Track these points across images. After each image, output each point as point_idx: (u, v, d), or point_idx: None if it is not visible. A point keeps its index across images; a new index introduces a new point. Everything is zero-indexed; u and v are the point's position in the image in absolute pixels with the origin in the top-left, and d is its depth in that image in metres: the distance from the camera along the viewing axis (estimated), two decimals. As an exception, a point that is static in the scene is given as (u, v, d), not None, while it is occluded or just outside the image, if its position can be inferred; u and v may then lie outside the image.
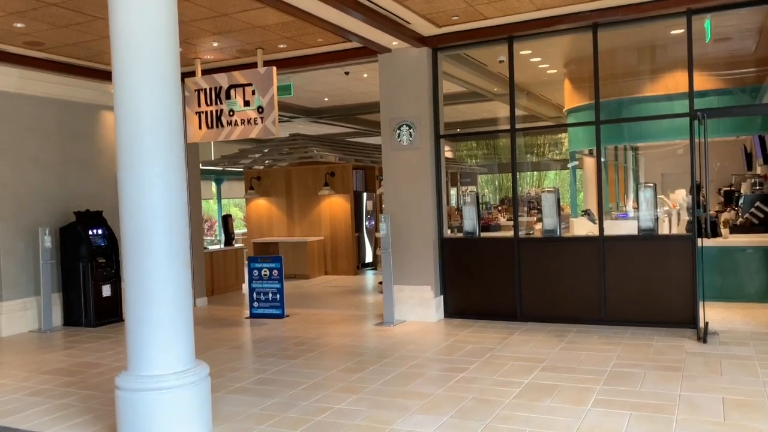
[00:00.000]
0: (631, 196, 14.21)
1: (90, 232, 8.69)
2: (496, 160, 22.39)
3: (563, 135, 18.65)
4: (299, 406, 4.95)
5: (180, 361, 4.31)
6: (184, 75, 8.80)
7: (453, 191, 20.00)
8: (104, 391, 5.49)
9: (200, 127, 8.56)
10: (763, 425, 4.21)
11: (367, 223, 14.10)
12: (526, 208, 16.33)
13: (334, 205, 13.63)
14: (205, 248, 11.22)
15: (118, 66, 4.29)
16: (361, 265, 14.17)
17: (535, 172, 22.33)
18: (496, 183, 23.80)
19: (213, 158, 16.14)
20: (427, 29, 7.75)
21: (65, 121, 9.07)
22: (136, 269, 4.26)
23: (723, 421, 4.32)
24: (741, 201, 9.83)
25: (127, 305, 4.32)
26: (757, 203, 9.17)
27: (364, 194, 14.12)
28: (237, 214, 21.25)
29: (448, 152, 22.19)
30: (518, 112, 8.32)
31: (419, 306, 8.21)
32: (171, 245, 4.30)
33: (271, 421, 4.64)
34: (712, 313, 7.51)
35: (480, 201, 20.19)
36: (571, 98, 10.82)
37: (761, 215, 9.06)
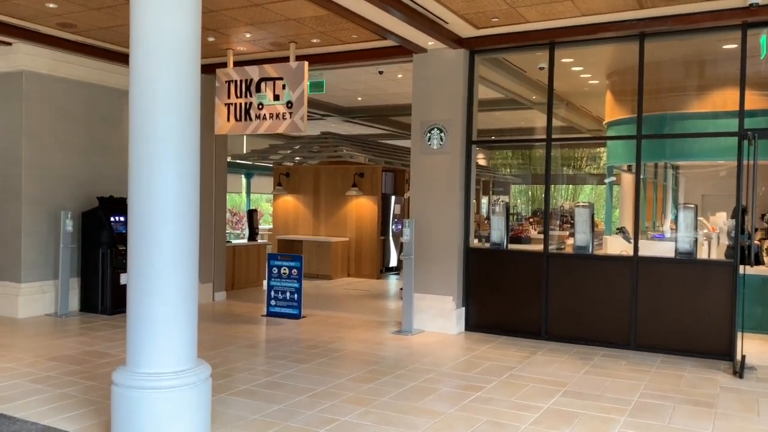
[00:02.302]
0: (669, 216, 13.70)
1: (112, 219, 8.62)
2: (530, 171, 21.97)
3: (601, 149, 18.16)
4: (303, 416, 4.71)
5: (180, 361, 4.10)
6: (216, 65, 8.72)
7: (484, 200, 19.66)
8: (107, 383, 5.27)
9: (228, 119, 8.42)
10: (803, 477, 3.84)
11: (393, 226, 13.85)
12: (558, 222, 15.91)
13: (361, 207, 13.41)
14: (228, 242, 11.09)
15: (135, 45, 4.12)
16: (385, 269, 13.92)
17: (570, 186, 21.85)
18: (529, 194, 23.36)
19: (244, 152, 16.11)
20: (465, 30, 7.47)
21: (95, 106, 9.03)
22: (140, 262, 4.07)
23: (759, 468, 3.96)
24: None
25: (129, 298, 4.13)
26: (805, 232, 8.65)
27: (393, 197, 13.87)
28: (267, 209, 21.20)
29: (481, 159, 21.86)
30: (556, 123, 8.01)
31: (439, 316, 7.92)
32: (179, 240, 4.09)
33: (271, 430, 4.42)
34: (751, 346, 7.06)
35: (511, 212, 19.80)
36: (612, 111, 10.42)
37: (808, 245, 8.55)
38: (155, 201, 4.05)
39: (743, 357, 6.47)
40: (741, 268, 6.64)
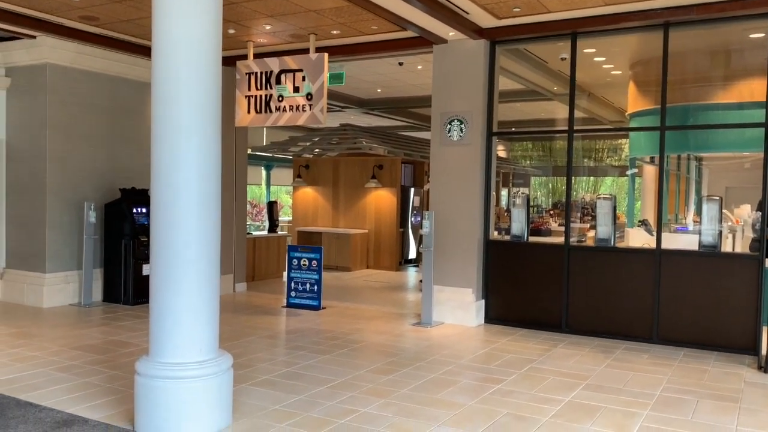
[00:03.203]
0: (692, 208, 13.52)
1: (134, 210, 8.70)
2: (551, 163, 21.78)
3: (623, 140, 17.94)
4: (323, 406, 4.74)
5: (202, 351, 4.14)
6: (236, 58, 8.75)
7: (504, 192, 19.54)
8: (130, 372, 5.36)
9: (249, 111, 8.45)
10: (830, 474, 3.78)
11: (412, 218, 13.83)
12: (579, 214, 15.77)
13: (381, 199, 13.41)
14: (249, 234, 11.16)
15: (157, 39, 4.14)
16: (404, 261, 13.92)
17: (592, 178, 21.63)
18: (550, 186, 23.18)
19: (264, 144, 16.18)
20: (486, 20, 7.41)
21: (117, 98, 9.11)
22: (163, 253, 4.11)
23: (784, 464, 3.90)
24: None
25: (152, 289, 4.18)
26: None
27: (412, 189, 13.84)
28: (287, 201, 21.29)
29: (501, 151, 21.71)
30: (578, 114, 7.90)
31: (459, 309, 7.90)
32: (201, 231, 4.13)
33: (291, 420, 4.44)
34: (776, 341, 6.96)
35: (531, 204, 19.68)
36: (635, 102, 10.28)
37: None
38: (178, 193, 4.08)
39: (768, 351, 6.38)
40: (766, 261, 6.52)
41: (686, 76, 9.45)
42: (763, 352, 6.30)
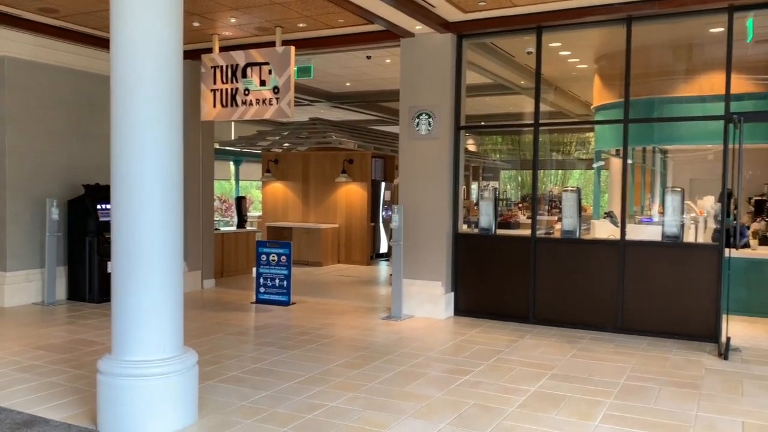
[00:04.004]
0: (657, 200, 13.75)
1: (98, 207, 8.54)
2: (519, 156, 21.97)
3: (590, 134, 18.17)
4: (291, 401, 4.72)
5: (166, 348, 4.09)
6: (201, 51, 8.63)
7: (474, 185, 19.66)
8: (95, 371, 5.28)
9: (214, 105, 8.35)
10: (785, 456, 3.89)
11: (383, 213, 13.83)
12: (547, 207, 15.95)
13: (351, 193, 13.38)
14: (217, 230, 11.05)
15: (115, 30, 4.06)
16: (375, 256, 13.93)
17: (560, 171, 21.88)
18: (519, 179, 23.39)
19: (232, 138, 16.02)
20: (452, 14, 7.42)
21: (80, 93, 8.92)
22: (124, 250, 4.04)
23: (742, 448, 4.01)
24: (773, 212, 9.37)
25: (114, 286, 4.11)
26: (790, 215, 8.72)
27: (383, 183, 13.84)
28: (257, 196, 21.11)
29: (471, 145, 21.83)
30: (545, 108, 8.00)
31: (428, 302, 7.94)
32: (163, 228, 4.07)
33: (258, 416, 4.42)
34: (736, 328, 7.13)
35: (500, 197, 19.76)
36: (600, 95, 10.42)
37: (794, 228, 8.62)
38: (138, 188, 4.02)
39: (728, 339, 6.53)
40: (726, 250, 6.68)
41: (650, 70, 9.60)
42: (723, 339, 6.45)
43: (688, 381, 5.38)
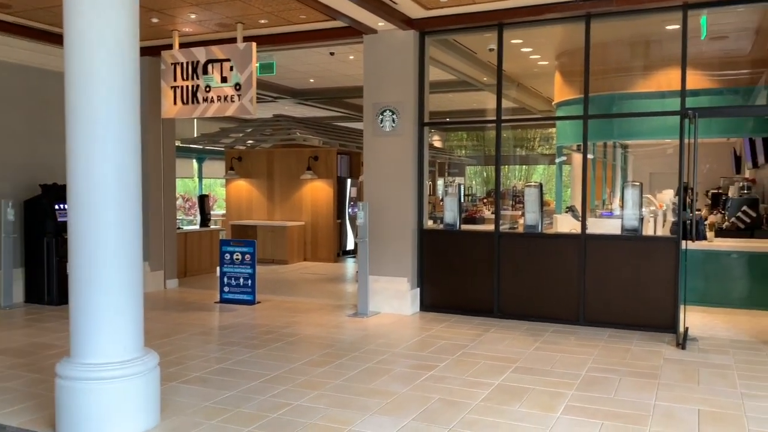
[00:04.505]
0: (618, 194, 14.02)
1: (56, 207, 8.34)
2: (484, 152, 22.16)
3: (553, 129, 18.43)
4: (255, 401, 4.69)
5: (126, 350, 4.02)
6: (161, 47, 8.49)
7: (440, 182, 19.77)
8: (54, 375, 5.18)
9: (175, 103, 8.22)
10: (739, 441, 4.01)
11: (350, 209, 13.81)
12: (511, 202, 16.14)
13: (317, 190, 13.33)
14: (179, 229, 10.89)
15: (68, 24, 3.96)
16: (342, 253, 13.91)
17: (524, 166, 22.13)
18: (484, 175, 23.58)
19: (194, 136, 15.80)
20: (414, 11, 7.44)
21: (36, 90, 8.69)
22: (80, 251, 3.96)
23: (698, 435, 4.12)
24: (728, 204, 9.65)
25: (71, 288, 4.02)
26: (744, 207, 8.99)
27: (348, 180, 13.82)
28: (222, 194, 20.87)
29: (437, 142, 21.93)
30: (508, 104, 8.08)
31: (394, 298, 7.96)
32: (120, 228, 3.99)
33: (222, 416, 4.37)
34: (694, 319, 7.33)
35: (466, 193, 19.89)
36: (561, 91, 10.56)
37: (748, 220, 8.88)
38: (94, 187, 3.94)
39: (686, 329, 6.70)
40: (683, 243, 6.85)
41: (609, 67, 9.78)
42: (681, 329, 6.62)
43: (647, 371, 5.51)
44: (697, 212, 9.64)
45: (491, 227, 8.24)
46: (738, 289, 8.12)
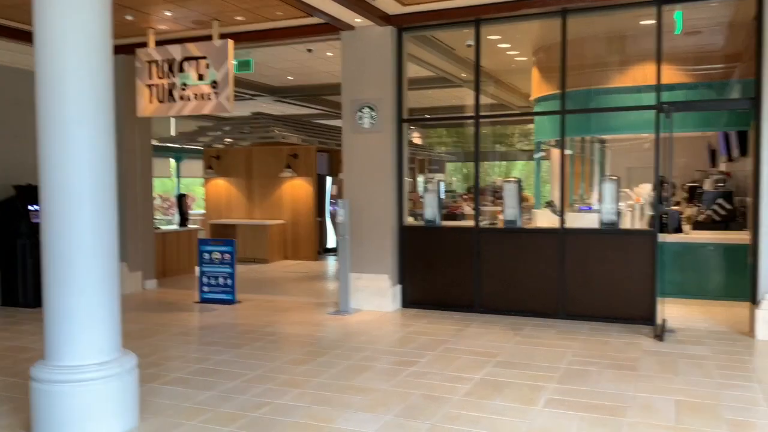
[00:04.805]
0: (596, 189, 14.13)
1: (30, 208, 8.21)
2: (464, 148, 22.22)
3: (532, 125, 18.54)
4: (236, 401, 4.65)
5: (102, 352, 3.97)
6: (136, 45, 8.38)
7: (420, 178, 19.78)
8: (30, 378, 5.10)
9: (151, 101, 8.13)
10: (714, 430, 4.07)
11: (330, 207, 13.77)
12: (491, 198, 16.19)
13: (297, 188, 13.27)
14: (157, 229, 10.78)
15: (38, 22, 3.88)
16: (323, 251, 13.87)
17: (504, 162, 22.23)
18: (465, 171, 23.65)
19: (172, 134, 15.64)
20: (392, 7, 7.43)
21: (6, 89, 8.54)
22: (54, 252, 3.89)
23: (675, 424, 4.16)
24: (703, 197, 9.77)
25: (45, 289, 3.95)
26: (719, 200, 9.11)
27: (329, 178, 13.78)
28: (201, 193, 20.67)
29: (417, 138, 21.94)
30: (486, 100, 8.11)
31: (376, 295, 7.95)
32: (95, 228, 3.93)
33: (203, 417, 4.34)
34: (671, 310, 7.41)
35: (447, 189, 19.87)
36: (538, 87, 10.62)
37: (723, 212, 9.01)
38: (68, 187, 3.88)
39: (664, 321, 6.79)
40: (661, 236, 6.92)
41: (586, 62, 9.83)
42: (659, 321, 6.70)
43: (626, 363, 5.56)
44: (675, 207, 9.78)
45: (471, 223, 8.27)
46: (714, 280, 8.23)
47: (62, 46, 3.83)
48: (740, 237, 8.02)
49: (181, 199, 12.33)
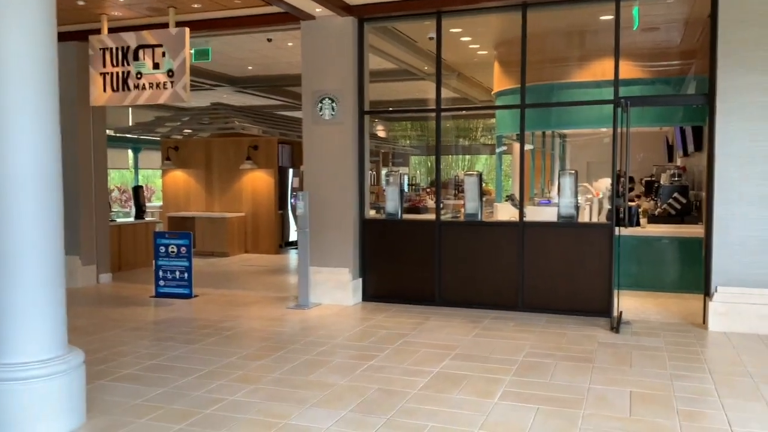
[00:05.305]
0: (556, 182, 14.30)
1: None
2: (428, 142, 22.26)
3: (494, 119, 18.66)
4: (189, 397, 4.54)
5: (46, 348, 3.81)
6: (89, 32, 8.13)
7: (385, 171, 19.75)
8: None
9: (104, 90, 7.90)
10: (666, 420, 4.12)
11: (292, 200, 13.62)
12: (454, 192, 16.25)
13: (257, 180, 13.08)
14: (113, 221, 10.51)
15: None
16: (285, 244, 13.73)
17: (468, 156, 22.35)
18: (429, 165, 23.71)
19: (129, 125, 15.28)
20: (352, -3, 7.34)
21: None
22: (-6, 243, 3.72)
23: (628, 416, 4.20)
24: (660, 191, 9.95)
25: (-16, 284, 3.78)
26: (675, 194, 9.28)
27: (290, 170, 13.63)
28: (160, 185, 20.28)
29: (381, 131, 21.89)
30: (449, 94, 8.09)
31: (336, 289, 7.88)
32: (37, 220, 3.77)
33: (153, 414, 4.22)
34: (628, 303, 7.53)
35: (410, 183, 19.87)
36: (500, 81, 10.66)
37: (678, 206, 9.18)
38: (6, 179, 3.70)
39: (620, 313, 6.88)
40: (617, 229, 7.01)
41: (546, 56, 9.90)
42: (615, 314, 6.79)
43: (582, 355, 5.61)
44: (632, 203, 9.93)
45: (432, 216, 8.25)
46: (669, 273, 8.40)
47: (1, 29, 3.64)
48: (695, 231, 8.20)
49: (138, 190, 12.04)
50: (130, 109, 15.66)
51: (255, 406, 4.36)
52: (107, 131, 9.82)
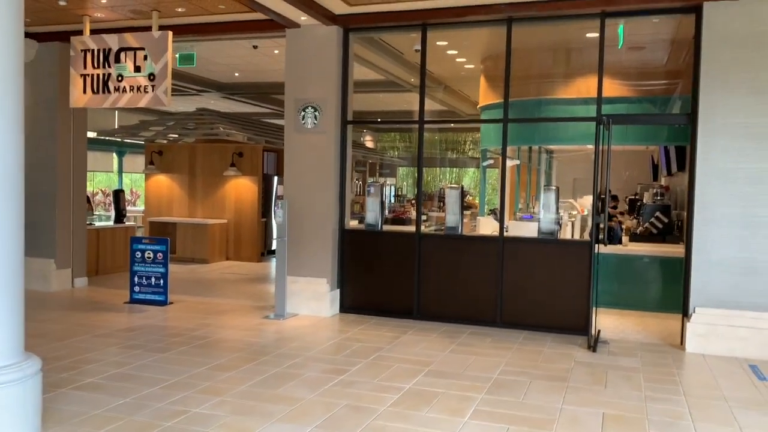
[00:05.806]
0: (541, 198, 14.28)
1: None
2: (415, 153, 22.23)
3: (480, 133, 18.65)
4: (151, 408, 4.41)
5: (0, 355, 3.68)
6: (71, 33, 8.03)
7: (371, 182, 19.68)
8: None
9: (85, 91, 7.79)
10: (638, 444, 4.05)
11: (276, 208, 13.49)
12: (439, 204, 16.21)
13: (241, 187, 12.96)
14: (90, 224, 10.35)
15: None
16: (267, 252, 13.59)
17: (455, 169, 22.34)
18: (416, 176, 23.65)
19: (114, 128, 15.14)
20: (338, 7, 7.28)
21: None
22: (-51, 245, 3.60)
23: (600, 438, 4.13)
24: (642, 210, 9.95)
25: (-62, 287, 3.65)
26: (657, 213, 9.27)
27: (275, 178, 13.52)
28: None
29: (369, 142, 21.86)
30: (435, 107, 8.04)
31: (313, 299, 7.77)
32: (-4, 220, 3.66)
33: (112, 425, 4.09)
34: (607, 321, 7.48)
35: (397, 194, 19.79)
36: (485, 95, 10.63)
37: (660, 225, 9.17)
38: (-33, 177, 3.59)
39: (598, 331, 6.82)
40: (597, 246, 6.96)
41: (532, 72, 9.90)
42: (593, 332, 6.72)
43: (557, 374, 5.54)
44: (616, 220, 9.91)
45: (413, 228, 8.17)
46: (650, 292, 8.35)
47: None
48: (676, 250, 8.16)
49: (118, 194, 11.89)
50: (116, 111, 15.53)
51: (219, 420, 4.24)
52: (91, 133, 9.68)
